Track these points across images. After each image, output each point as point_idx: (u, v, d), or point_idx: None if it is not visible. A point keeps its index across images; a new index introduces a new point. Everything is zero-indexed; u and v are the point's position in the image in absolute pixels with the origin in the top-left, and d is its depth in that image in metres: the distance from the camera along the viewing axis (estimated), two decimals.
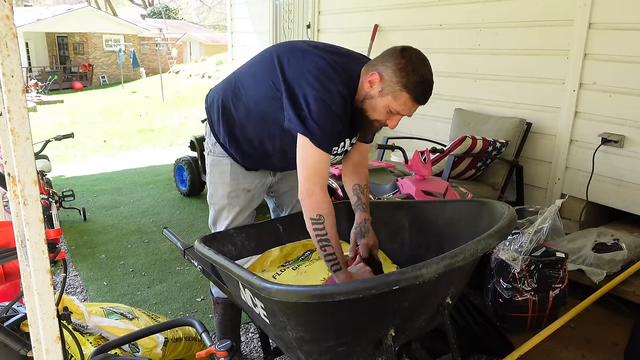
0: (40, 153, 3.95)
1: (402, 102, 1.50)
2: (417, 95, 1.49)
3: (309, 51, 1.60)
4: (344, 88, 1.54)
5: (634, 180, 2.97)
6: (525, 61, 3.45)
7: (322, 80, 1.51)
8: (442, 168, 3.21)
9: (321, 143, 1.52)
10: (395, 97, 1.50)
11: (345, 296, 1.09)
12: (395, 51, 1.52)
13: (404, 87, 1.48)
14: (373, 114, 1.56)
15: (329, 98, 1.50)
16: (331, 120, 1.52)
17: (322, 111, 1.50)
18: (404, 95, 1.49)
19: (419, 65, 1.49)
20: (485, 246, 1.19)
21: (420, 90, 1.49)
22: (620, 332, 2.39)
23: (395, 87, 1.49)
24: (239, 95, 1.73)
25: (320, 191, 1.53)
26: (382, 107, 1.54)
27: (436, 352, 1.81)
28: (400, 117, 1.56)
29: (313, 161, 1.53)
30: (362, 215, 1.76)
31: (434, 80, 1.52)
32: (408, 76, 1.47)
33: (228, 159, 1.84)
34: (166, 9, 34.41)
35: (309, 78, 1.52)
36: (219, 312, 2.04)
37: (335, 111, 1.52)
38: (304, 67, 1.55)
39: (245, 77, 1.73)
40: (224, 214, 1.90)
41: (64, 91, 21.09)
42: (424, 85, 1.49)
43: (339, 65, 1.57)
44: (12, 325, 1.47)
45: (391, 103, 1.52)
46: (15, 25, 0.90)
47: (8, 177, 1.08)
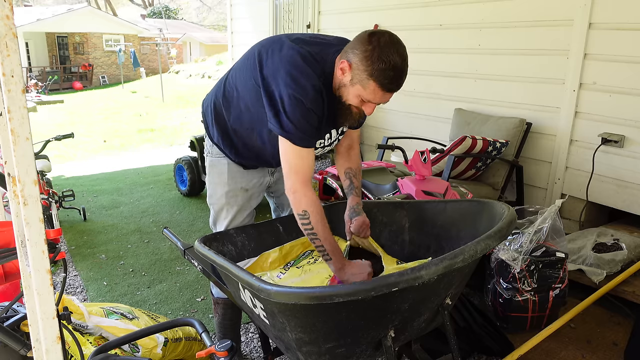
0: (40, 153, 3.95)
1: (371, 90, 1.46)
2: (384, 83, 1.44)
3: (285, 45, 1.58)
4: (318, 81, 1.51)
5: (634, 180, 2.97)
6: (525, 61, 3.45)
7: (295, 76, 1.49)
8: (442, 168, 3.21)
9: (298, 141, 1.52)
10: (364, 86, 1.46)
11: (345, 297, 1.09)
12: (363, 37, 1.46)
13: (370, 76, 1.43)
14: (348, 100, 1.54)
15: (302, 94, 1.48)
16: (306, 116, 1.50)
17: (296, 109, 1.49)
18: (371, 84, 1.45)
19: (386, 51, 1.41)
20: (485, 247, 1.19)
21: (388, 78, 1.43)
22: (620, 332, 2.39)
23: (362, 75, 1.45)
24: (228, 96, 1.74)
25: (301, 187, 1.54)
26: (354, 95, 1.51)
27: (436, 352, 1.82)
28: (373, 106, 1.54)
29: (293, 159, 1.54)
30: (355, 199, 1.78)
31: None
32: (374, 64, 1.41)
33: (225, 159, 1.85)
34: (166, 9, 34.41)
35: (283, 75, 1.51)
36: (219, 312, 2.04)
37: (310, 107, 1.50)
38: (278, 63, 1.54)
39: (234, 77, 1.73)
40: (222, 214, 1.91)
41: (64, 91, 21.09)
42: (392, 73, 1.43)
43: (314, 56, 1.54)
44: (12, 325, 1.47)
45: (361, 92, 1.48)
46: (15, 25, 0.90)
47: (8, 177, 1.08)
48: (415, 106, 4.36)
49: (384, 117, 4.69)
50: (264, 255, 1.79)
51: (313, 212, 1.54)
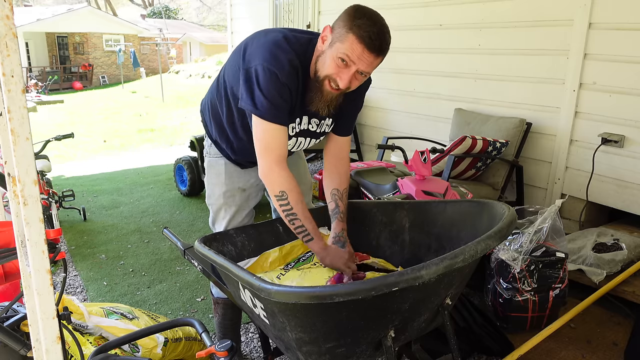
0: (40, 153, 3.94)
1: (349, 44, 1.42)
2: (364, 36, 1.40)
3: (272, 30, 1.59)
4: (295, 58, 1.50)
5: (634, 180, 2.97)
6: (525, 61, 3.45)
7: (273, 50, 1.48)
8: (442, 168, 3.21)
9: (271, 117, 1.49)
10: (342, 41, 1.43)
11: (345, 297, 1.09)
12: (347, 9, 1.48)
13: (349, 30, 1.42)
14: (323, 69, 1.49)
15: (277, 67, 1.46)
16: (280, 91, 1.48)
17: (271, 83, 1.47)
18: (350, 37, 1.42)
19: (368, 11, 1.44)
20: (485, 247, 1.19)
21: (367, 32, 1.40)
22: (620, 332, 2.39)
23: (342, 31, 1.44)
24: (221, 90, 1.74)
25: (277, 167, 1.51)
26: (330, 59, 1.46)
27: (436, 352, 1.81)
28: (350, 70, 1.45)
29: (266, 137, 1.51)
30: (340, 225, 1.72)
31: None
32: (354, 20, 1.42)
33: (223, 159, 1.86)
34: (166, 9, 34.42)
35: (262, 51, 1.50)
36: (219, 312, 2.04)
37: (285, 81, 1.48)
38: (260, 42, 1.54)
39: (225, 70, 1.74)
40: (221, 214, 1.91)
41: (64, 91, 21.09)
42: (372, 28, 1.41)
43: (295, 38, 1.54)
44: (12, 325, 1.47)
45: (338, 49, 1.44)
46: (15, 25, 0.90)
47: (8, 177, 1.08)
48: (415, 106, 4.36)
49: (384, 117, 4.69)
50: (264, 255, 1.79)
51: (291, 191, 1.51)
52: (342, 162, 1.81)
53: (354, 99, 1.73)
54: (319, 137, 1.79)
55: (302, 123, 1.68)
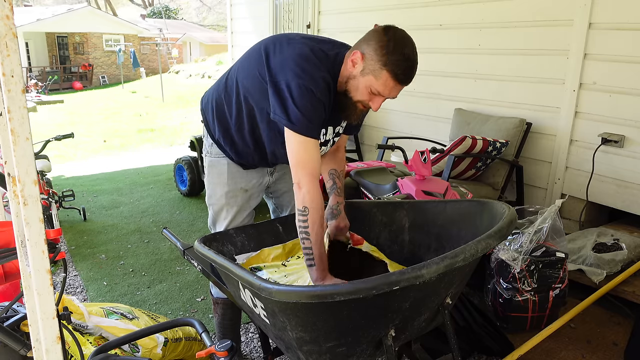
0: (40, 153, 3.95)
1: (383, 81, 1.46)
2: (398, 74, 1.45)
3: (294, 39, 1.59)
4: (327, 74, 1.52)
5: (634, 180, 2.97)
6: (525, 61, 3.45)
7: (305, 67, 1.49)
8: (442, 168, 3.21)
9: (306, 131, 1.50)
10: (376, 76, 1.46)
11: (346, 296, 1.09)
12: (378, 30, 1.48)
13: (384, 66, 1.44)
14: (356, 94, 1.53)
15: (312, 85, 1.48)
16: (315, 106, 1.50)
17: (306, 99, 1.48)
18: (384, 74, 1.45)
19: (401, 44, 1.44)
20: (486, 246, 1.19)
21: (402, 69, 1.44)
22: (620, 332, 2.39)
23: (376, 65, 1.45)
24: (230, 91, 1.73)
25: (307, 182, 1.51)
26: (363, 87, 1.50)
27: (436, 352, 1.81)
28: (383, 98, 1.52)
29: (299, 152, 1.52)
30: (336, 199, 1.79)
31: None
32: (389, 54, 1.43)
33: (225, 159, 1.84)
34: (166, 9, 34.42)
35: (292, 66, 1.50)
36: (219, 312, 2.04)
37: (320, 97, 1.50)
38: (287, 54, 1.54)
39: (237, 72, 1.72)
40: (222, 214, 1.90)
41: (64, 91, 21.09)
42: (405, 64, 1.44)
43: (322, 52, 1.55)
44: (12, 325, 1.47)
45: (372, 82, 1.48)
46: (15, 25, 0.90)
47: (8, 177, 1.08)
48: (415, 106, 4.36)
49: (384, 117, 4.69)
50: (264, 251, 1.79)
51: (313, 209, 1.51)
52: (339, 150, 1.87)
53: None
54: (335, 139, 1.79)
55: (328, 134, 1.71)
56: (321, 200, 1.54)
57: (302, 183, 1.52)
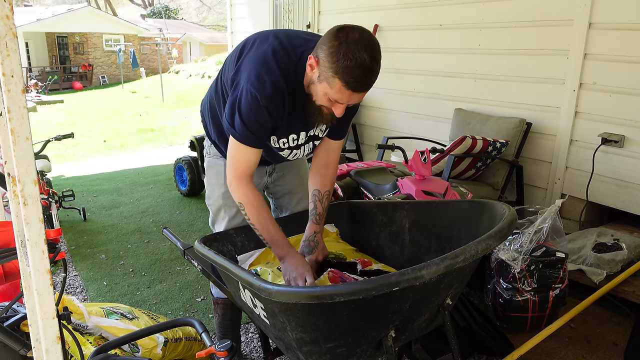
0: (40, 153, 3.94)
1: (337, 89, 1.38)
2: (350, 82, 1.35)
3: (267, 39, 1.56)
4: (281, 78, 1.47)
5: (634, 180, 2.97)
6: (525, 61, 3.45)
7: (259, 70, 1.47)
8: (442, 168, 3.21)
9: (244, 140, 1.53)
10: (330, 84, 1.38)
11: (346, 297, 1.09)
12: (331, 32, 1.38)
13: (335, 74, 1.35)
14: (317, 99, 1.48)
15: (259, 90, 1.45)
16: (259, 114, 1.48)
17: (250, 106, 1.47)
18: (337, 82, 1.36)
19: (353, 48, 1.32)
20: (486, 247, 1.19)
21: (354, 77, 1.34)
22: (620, 332, 2.39)
23: (328, 72, 1.37)
24: (220, 93, 1.72)
25: (235, 181, 1.59)
26: (322, 94, 1.44)
27: (436, 352, 1.81)
28: (342, 106, 1.45)
29: (234, 155, 1.58)
30: (313, 228, 1.72)
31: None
32: (339, 61, 1.33)
33: (222, 159, 1.84)
34: (166, 9, 34.42)
35: (250, 68, 1.49)
36: (219, 313, 2.04)
37: (265, 104, 1.47)
38: (252, 55, 1.53)
39: (224, 73, 1.71)
40: (221, 215, 1.90)
41: (64, 91, 21.08)
42: (358, 71, 1.33)
43: (290, 52, 1.51)
44: (12, 325, 1.47)
45: (327, 90, 1.40)
46: (15, 25, 0.90)
47: (8, 177, 1.08)
48: (415, 106, 4.36)
49: (384, 117, 4.69)
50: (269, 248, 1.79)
51: (246, 204, 1.59)
52: (329, 166, 1.77)
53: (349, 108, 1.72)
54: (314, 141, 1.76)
55: (299, 139, 1.68)
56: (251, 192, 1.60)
57: (232, 182, 1.61)
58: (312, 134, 1.71)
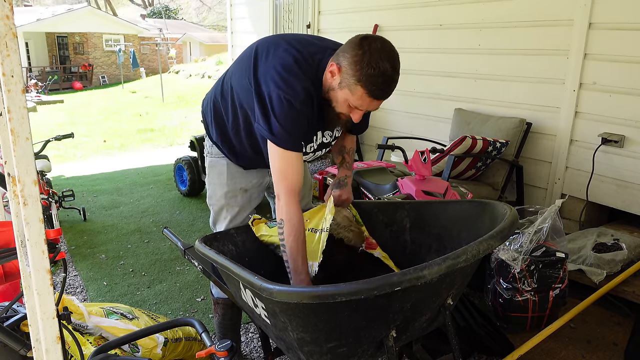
0: (40, 153, 3.94)
1: (358, 96, 1.44)
2: (372, 89, 1.41)
3: (281, 46, 1.57)
4: (309, 83, 1.50)
5: (634, 180, 2.97)
6: (525, 61, 3.45)
7: (287, 78, 1.48)
8: (442, 168, 3.21)
9: (287, 144, 1.50)
10: (352, 91, 1.44)
11: (347, 297, 1.09)
12: (354, 41, 1.43)
13: (358, 81, 1.40)
14: (336, 106, 1.52)
15: (292, 96, 1.47)
16: (296, 119, 1.49)
17: (286, 111, 1.47)
18: (359, 89, 1.42)
19: (376, 57, 1.38)
20: (488, 247, 1.19)
21: (377, 85, 1.40)
22: (620, 332, 2.39)
23: (350, 80, 1.42)
24: (226, 95, 1.73)
25: (285, 196, 1.52)
26: (342, 100, 1.49)
27: (437, 352, 1.81)
28: (361, 112, 1.51)
29: (281, 164, 1.52)
30: (344, 172, 1.83)
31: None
32: (363, 69, 1.38)
33: (224, 159, 1.85)
34: (166, 9, 34.42)
35: (274, 76, 1.50)
36: (219, 312, 2.04)
37: (301, 109, 1.49)
38: (270, 64, 1.53)
39: (231, 76, 1.72)
40: (222, 214, 1.90)
41: (63, 91, 21.08)
42: (381, 79, 1.39)
43: (307, 59, 1.53)
44: (12, 325, 1.47)
45: (349, 97, 1.46)
46: (15, 25, 0.90)
47: (8, 177, 1.08)
48: (415, 106, 4.36)
49: (384, 117, 4.69)
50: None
51: (287, 224, 1.52)
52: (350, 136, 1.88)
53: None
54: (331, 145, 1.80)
55: (319, 139, 1.70)
56: (298, 214, 1.53)
57: (281, 196, 1.53)
58: (325, 141, 1.73)
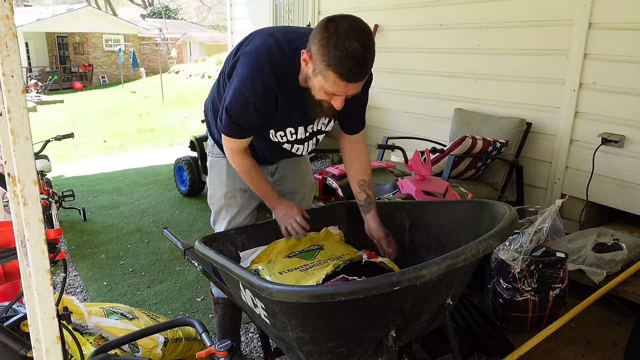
0: (40, 153, 3.94)
1: (331, 82, 1.38)
2: (343, 72, 1.34)
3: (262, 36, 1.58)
4: (272, 80, 1.49)
5: (634, 180, 2.97)
6: (525, 61, 3.45)
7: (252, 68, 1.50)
8: (442, 168, 3.21)
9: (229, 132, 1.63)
10: (325, 77, 1.38)
11: (346, 296, 1.09)
12: (321, 24, 1.38)
13: (328, 66, 1.35)
14: (315, 94, 1.48)
15: (248, 89, 1.49)
16: (245, 111, 1.54)
17: (237, 102, 1.53)
18: (330, 74, 1.36)
19: (343, 38, 1.31)
20: (487, 247, 1.19)
21: (346, 67, 1.33)
22: (620, 332, 2.39)
23: (321, 65, 1.37)
24: (222, 92, 1.73)
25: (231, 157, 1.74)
26: (318, 88, 1.44)
27: (436, 352, 1.81)
28: (340, 98, 1.45)
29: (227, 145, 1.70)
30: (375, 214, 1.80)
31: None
32: (330, 52, 1.32)
33: (224, 159, 1.85)
34: (166, 9, 34.42)
35: (244, 64, 1.53)
36: (219, 312, 2.04)
37: (254, 102, 1.51)
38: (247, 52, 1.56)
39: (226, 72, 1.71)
40: (222, 214, 1.90)
41: (64, 91, 21.08)
42: (351, 61, 1.32)
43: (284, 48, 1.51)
44: (12, 325, 1.47)
45: (323, 83, 1.41)
46: (15, 25, 0.90)
47: (8, 177, 1.08)
48: (415, 106, 4.36)
49: (384, 117, 4.69)
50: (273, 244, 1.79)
51: (241, 172, 1.75)
52: (362, 155, 1.83)
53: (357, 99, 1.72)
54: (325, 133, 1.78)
55: (297, 134, 1.69)
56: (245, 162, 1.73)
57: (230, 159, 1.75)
58: (314, 129, 1.72)
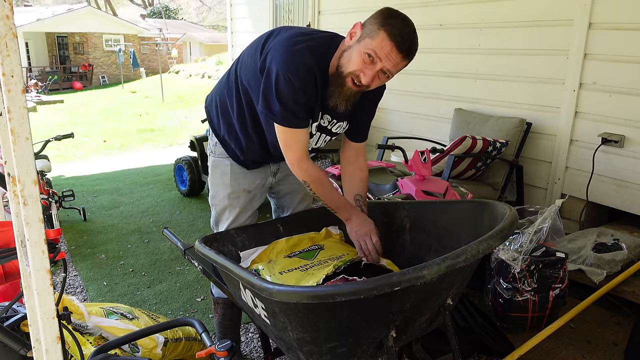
0: (40, 153, 3.94)
1: (379, 40, 1.44)
2: (394, 33, 1.43)
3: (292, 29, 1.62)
4: (311, 59, 1.51)
5: (634, 180, 2.97)
6: (525, 61, 3.45)
7: (289, 52, 1.50)
8: (442, 168, 3.21)
9: (286, 122, 1.57)
10: (372, 37, 1.45)
11: (347, 297, 1.09)
12: (380, 10, 1.52)
13: (381, 26, 1.44)
14: (348, 66, 1.50)
15: (291, 71, 1.48)
16: (294, 96, 1.51)
17: (284, 87, 1.50)
18: (381, 33, 1.44)
19: (401, 14, 1.48)
20: (487, 247, 1.19)
21: (399, 31, 1.43)
22: (620, 332, 2.39)
23: (373, 27, 1.46)
24: (232, 86, 1.74)
25: (297, 162, 1.65)
26: (357, 54, 1.48)
27: (437, 352, 1.81)
28: (376, 67, 1.47)
29: (284, 139, 1.62)
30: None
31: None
32: (387, 18, 1.45)
33: (228, 159, 1.85)
34: (166, 9, 34.42)
35: (279, 51, 1.52)
36: (219, 312, 2.04)
37: (298, 85, 1.50)
38: (278, 40, 1.56)
39: (240, 66, 1.73)
40: (225, 215, 1.90)
41: (63, 91, 21.08)
42: (403, 28, 1.45)
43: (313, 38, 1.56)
44: (12, 325, 1.47)
45: (368, 44, 1.45)
46: (15, 25, 0.90)
47: (8, 177, 1.08)
48: (415, 106, 4.36)
49: (384, 117, 4.69)
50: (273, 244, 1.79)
51: (311, 182, 1.67)
52: (361, 169, 1.84)
53: (367, 106, 1.77)
54: (332, 136, 1.79)
55: (322, 119, 1.71)
56: (314, 170, 1.66)
57: (293, 164, 1.66)
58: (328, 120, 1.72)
